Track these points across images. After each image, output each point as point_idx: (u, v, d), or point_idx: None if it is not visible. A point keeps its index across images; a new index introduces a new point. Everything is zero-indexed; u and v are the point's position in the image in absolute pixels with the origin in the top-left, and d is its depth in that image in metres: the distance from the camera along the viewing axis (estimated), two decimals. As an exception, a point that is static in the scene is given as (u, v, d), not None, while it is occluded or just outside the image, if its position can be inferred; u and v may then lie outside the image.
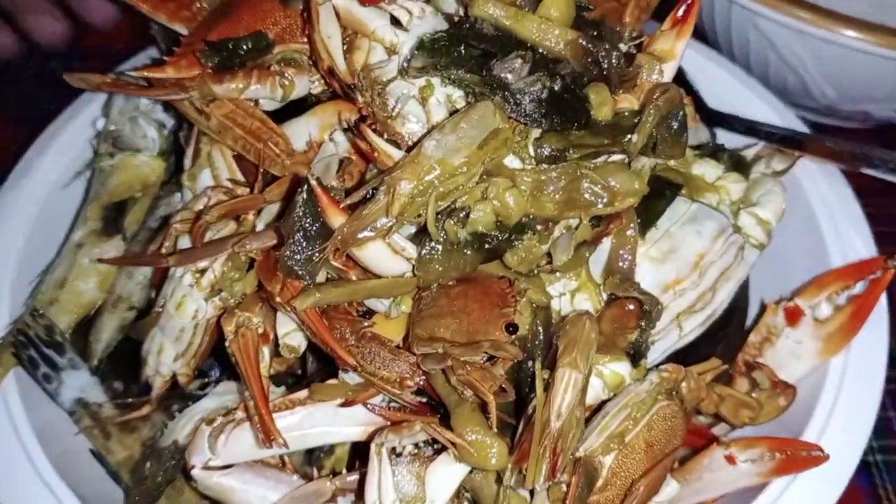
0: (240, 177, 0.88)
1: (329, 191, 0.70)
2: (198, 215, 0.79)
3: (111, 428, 0.88)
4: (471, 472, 0.70)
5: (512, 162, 0.75)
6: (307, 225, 0.70)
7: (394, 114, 0.78)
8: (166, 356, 0.81)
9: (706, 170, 0.87)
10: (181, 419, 0.80)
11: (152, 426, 0.86)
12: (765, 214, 0.86)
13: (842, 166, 0.99)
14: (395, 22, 0.78)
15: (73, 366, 0.89)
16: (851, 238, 0.93)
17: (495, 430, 0.66)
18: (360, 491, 0.70)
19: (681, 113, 0.76)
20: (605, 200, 0.75)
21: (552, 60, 0.77)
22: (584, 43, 0.78)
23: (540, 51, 0.77)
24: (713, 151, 0.90)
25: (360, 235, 0.69)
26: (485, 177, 0.73)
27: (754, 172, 0.93)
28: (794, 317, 0.88)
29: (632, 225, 0.79)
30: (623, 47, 0.83)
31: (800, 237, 0.97)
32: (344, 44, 0.80)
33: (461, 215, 0.72)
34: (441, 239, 0.71)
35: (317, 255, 0.69)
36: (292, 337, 0.76)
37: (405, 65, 0.75)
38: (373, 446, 0.68)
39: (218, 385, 0.83)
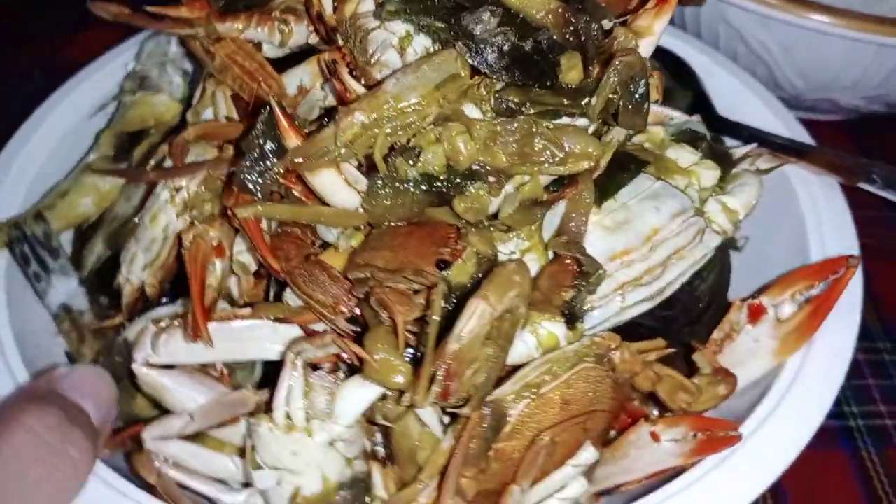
0: (236, 116, 0.93)
1: (291, 116, 0.74)
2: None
3: (87, 334, 0.94)
4: (384, 401, 0.72)
5: (472, 111, 0.77)
6: (264, 143, 0.74)
7: (372, 61, 0.82)
8: (137, 264, 0.87)
9: (681, 154, 0.87)
10: (137, 322, 0.84)
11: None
12: (733, 204, 0.85)
13: (840, 179, 0.97)
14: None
15: (63, 272, 0.95)
16: (834, 245, 0.91)
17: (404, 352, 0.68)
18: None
19: (642, 81, 0.77)
20: (557, 159, 0.76)
21: (533, 27, 0.80)
22: (564, 13, 0.80)
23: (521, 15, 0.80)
24: (692, 139, 0.90)
25: (312, 159, 0.72)
26: (441, 121, 0.76)
27: (737, 168, 0.92)
28: (756, 314, 0.86)
29: (587, 192, 0.80)
30: (607, 24, 0.84)
31: (788, 243, 0.96)
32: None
33: (413, 154, 0.75)
34: (389, 173, 0.74)
35: (268, 172, 0.73)
36: (244, 255, 0.80)
37: (379, 8, 0.79)
38: (288, 354, 0.71)
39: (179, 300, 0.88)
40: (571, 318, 0.77)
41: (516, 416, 0.72)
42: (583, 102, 0.76)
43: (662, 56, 1.16)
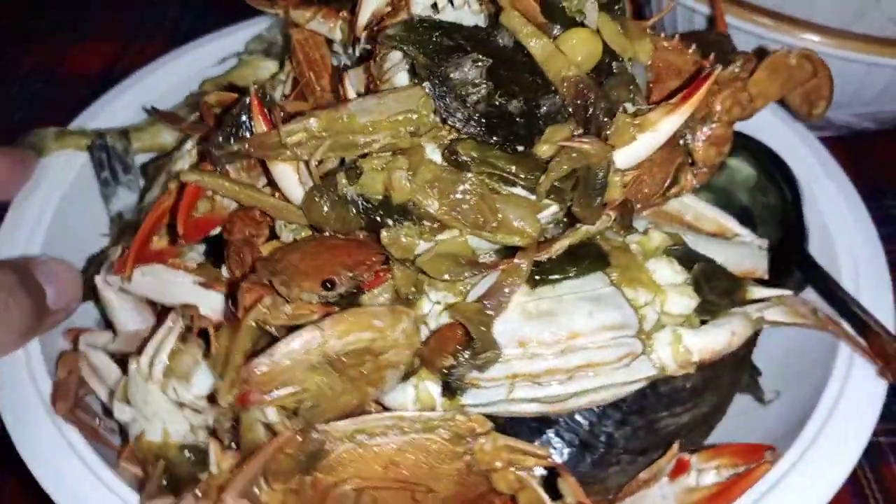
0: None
1: (269, 105, 0.79)
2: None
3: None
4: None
5: (433, 153, 0.76)
6: (238, 123, 0.80)
7: (384, 78, 0.84)
8: (149, 197, 0.98)
9: (661, 269, 0.78)
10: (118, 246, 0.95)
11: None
12: (690, 342, 0.75)
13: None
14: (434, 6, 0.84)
15: (128, 186, 1.09)
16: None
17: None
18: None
19: (601, 174, 0.71)
20: (490, 226, 0.73)
21: (544, 86, 0.77)
22: (578, 84, 0.76)
23: (533, 77, 0.77)
24: (684, 256, 0.80)
25: (264, 149, 0.77)
26: (395, 152, 0.76)
27: (742, 309, 0.80)
28: (679, 470, 0.76)
29: (522, 269, 0.75)
30: (630, 107, 0.78)
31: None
32: (390, 6, 0.87)
33: (354, 173, 0.76)
34: (324, 184, 0.76)
35: (226, 148, 0.79)
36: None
37: (383, 31, 0.80)
38: (171, 313, 0.76)
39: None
40: (449, 386, 0.74)
41: (337, 453, 0.71)
42: (535, 178, 0.72)
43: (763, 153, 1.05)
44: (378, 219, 0.76)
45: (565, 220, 0.80)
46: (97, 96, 1.14)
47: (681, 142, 0.91)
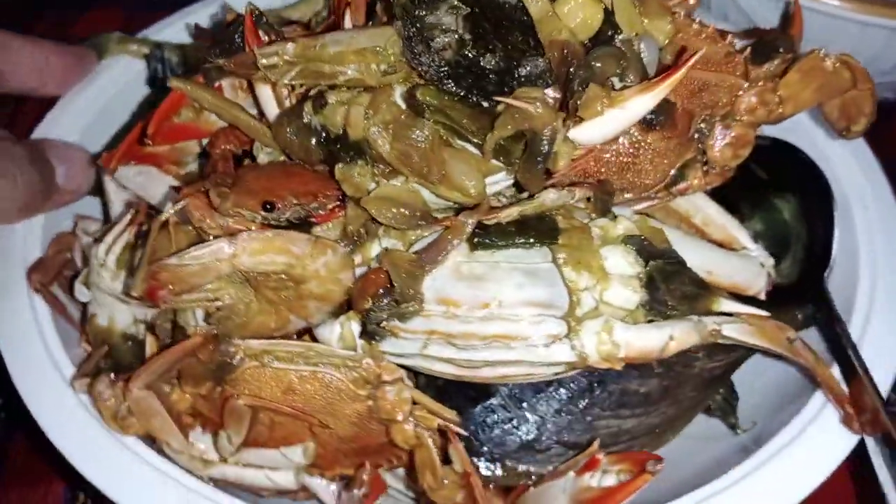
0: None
1: (265, 27, 0.81)
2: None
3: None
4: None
5: (399, 97, 0.75)
6: (231, 41, 0.82)
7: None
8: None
9: (613, 258, 0.74)
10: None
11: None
12: (619, 336, 0.70)
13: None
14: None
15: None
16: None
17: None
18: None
19: (545, 141, 0.67)
20: (434, 177, 0.72)
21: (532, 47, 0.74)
22: (565, 49, 0.73)
23: (525, 37, 0.74)
24: (647, 251, 0.74)
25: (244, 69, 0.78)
26: (361, 89, 0.75)
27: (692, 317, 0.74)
28: (588, 467, 0.71)
29: (464, 228, 0.73)
30: (617, 83, 0.73)
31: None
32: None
33: (319, 103, 0.76)
34: (291, 110, 0.77)
35: (215, 61, 0.81)
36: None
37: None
38: (131, 208, 0.80)
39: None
40: (366, 328, 0.73)
41: (243, 369, 0.72)
42: (480, 135, 0.70)
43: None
44: (335, 152, 0.76)
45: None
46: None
47: (695, 135, 0.85)
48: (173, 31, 1.14)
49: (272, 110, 0.80)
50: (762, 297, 0.85)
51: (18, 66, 0.98)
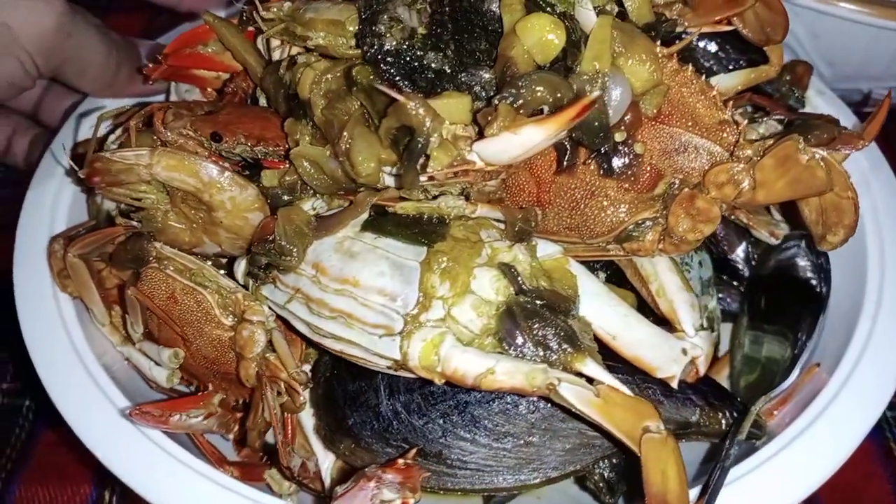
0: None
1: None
2: None
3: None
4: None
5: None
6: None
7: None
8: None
9: (482, 278, 0.72)
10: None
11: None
12: (445, 352, 0.69)
13: None
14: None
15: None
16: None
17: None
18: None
19: (421, 140, 0.68)
20: (338, 148, 0.76)
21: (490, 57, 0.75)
22: (504, 67, 0.73)
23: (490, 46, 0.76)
24: (524, 287, 0.72)
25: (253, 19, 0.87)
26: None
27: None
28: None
29: (361, 207, 0.77)
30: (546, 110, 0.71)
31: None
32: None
33: (291, 63, 0.83)
34: (271, 64, 0.85)
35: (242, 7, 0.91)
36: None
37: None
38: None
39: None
40: (248, 268, 0.80)
41: (149, 266, 0.82)
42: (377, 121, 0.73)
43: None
44: (293, 108, 0.83)
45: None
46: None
47: (662, 196, 0.80)
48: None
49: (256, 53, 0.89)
50: (673, 383, 0.78)
51: None
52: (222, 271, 0.83)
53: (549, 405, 0.78)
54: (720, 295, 1.02)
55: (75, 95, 1.09)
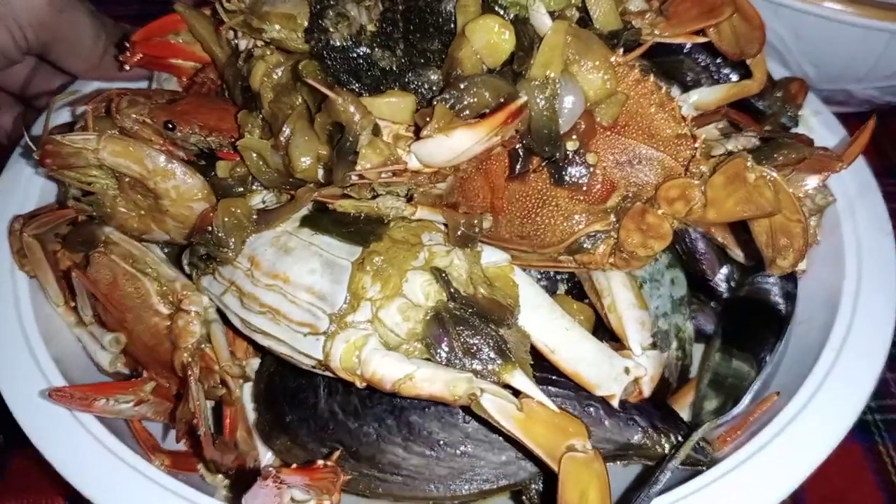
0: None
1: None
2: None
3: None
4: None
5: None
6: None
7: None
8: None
9: (414, 282, 0.71)
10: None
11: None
12: (366, 355, 0.68)
13: None
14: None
15: None
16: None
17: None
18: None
19: (350, 137, 0.67)
20: (278, 140, 0.75)
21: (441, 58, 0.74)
22: (449, 68, 0.72)
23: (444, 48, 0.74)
24: (459, 292, 0.70)
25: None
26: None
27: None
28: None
29: (301, 202, 0.76)
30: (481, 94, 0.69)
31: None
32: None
33: (250, 56, 0.83)
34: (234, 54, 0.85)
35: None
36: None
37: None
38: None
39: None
40: (189, 258, 0.80)
41: (97, 250, 0.82)
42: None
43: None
44: (247, 100, 0.82)
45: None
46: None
47: (615, 209, 0.77)
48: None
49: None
50: (614, 402, 0.76)
51: None
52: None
53: (487, 416, 0.76)
54: (694, 316, 0.99)
55: (64, 77, 1.10)
